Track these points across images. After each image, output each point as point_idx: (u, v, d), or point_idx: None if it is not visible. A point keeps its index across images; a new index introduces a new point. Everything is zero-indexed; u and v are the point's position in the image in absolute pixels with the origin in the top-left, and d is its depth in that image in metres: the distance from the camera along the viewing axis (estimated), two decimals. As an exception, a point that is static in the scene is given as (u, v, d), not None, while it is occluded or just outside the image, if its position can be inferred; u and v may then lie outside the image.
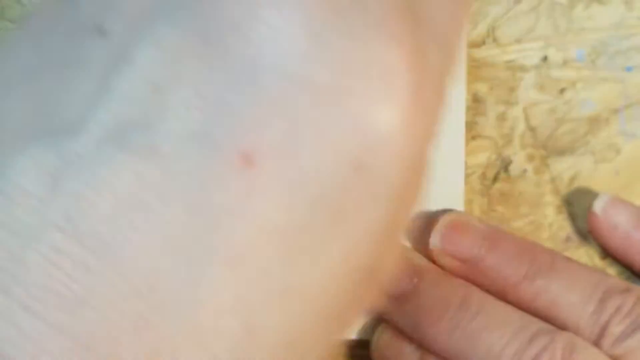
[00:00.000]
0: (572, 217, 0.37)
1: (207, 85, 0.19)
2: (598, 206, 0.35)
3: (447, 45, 0.22)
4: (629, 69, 0.37)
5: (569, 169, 0.37)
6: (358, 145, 0.20)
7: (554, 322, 0.34)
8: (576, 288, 0.34)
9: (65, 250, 0.18)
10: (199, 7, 0.19)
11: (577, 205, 0.37)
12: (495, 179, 0.37)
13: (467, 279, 0.35)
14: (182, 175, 0.19)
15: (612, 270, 0.36)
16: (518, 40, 0.37)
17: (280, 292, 0.20)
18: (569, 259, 0.35)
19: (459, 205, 0.36)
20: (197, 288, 0.19)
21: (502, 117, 0.37)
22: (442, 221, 0.35)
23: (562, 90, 0.37)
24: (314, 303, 0.21)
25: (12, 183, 0.19)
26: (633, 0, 0.37)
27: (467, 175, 0.37)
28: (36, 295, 0.18)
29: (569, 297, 0.34)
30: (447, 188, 0.36)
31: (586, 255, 0.37)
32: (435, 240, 0.35)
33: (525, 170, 0.37)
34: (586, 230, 0.37)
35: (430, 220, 0.36)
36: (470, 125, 0.37)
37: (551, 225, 0.37)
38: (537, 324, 0.33)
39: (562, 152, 0.37)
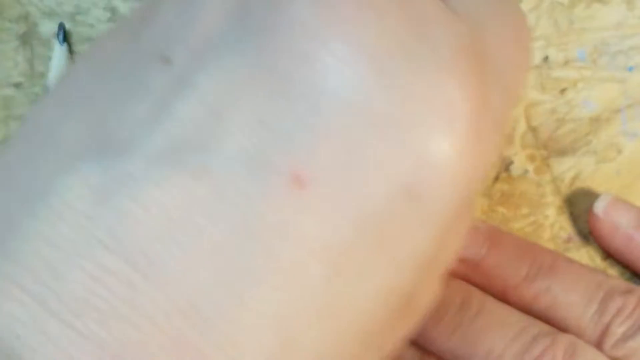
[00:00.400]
0: (573, 218, 0.37)
1: (266, 111, 0.19)
2: (599, 207, 0.35)
3: (508, 88, 0.22)
4: (630, 69, 0.37)
5: (570, 169, 0.37)
6: (413, 173, 0.20)
7: (555, 323, 0.34)
8: (577, 289, 0.34)
9: (108, 266, 0.19)
10: (266, 37, 0.20)
11: (578, 206, 0.37)
12: (496, 179, 0.37)
13: (467, 279, 0.35)
14: (233, 195, 0.19)
15: (613, 271, 0.36)
16: (519, 40, 0.37)
17: (321, 312, 0.20)
18: (570, 260, 0.35)
19: (459, 205, 0.36)
20: (239, 307, 0.19)
21: (502, 117, 0.37)
22: None
23: (563, 90, 0.37)
24: (352, 325, 0.21)
25: (60, 199, 0.19)
26: (634, 0, 0.37)
27: (467, 176, 0.37)
28: (73, 308, 0.18)
29: (570, 298, 0.34)
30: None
31: (587, 255, 0.37)
32: None
33: (526, 171, 0.37)
34: (587, 230, 0.36)
35: None
36: (470, 126, 0.37)
37: (552, 226, 0.37)
38: (538, 326, 0.33)
39: (563, 152, 0.37)
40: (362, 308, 0.21)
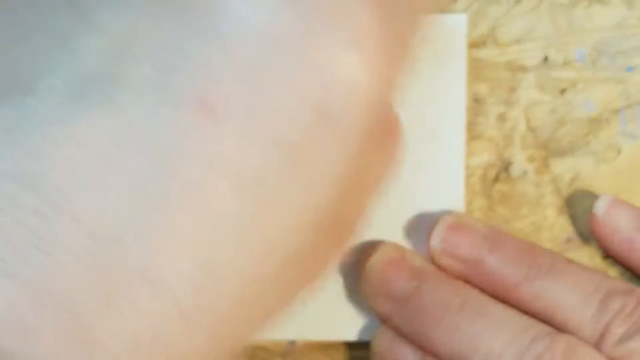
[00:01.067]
0: (573, 218, 0.37)
1: (170, 39, 0.20)
2: (599, 208, 0.35)
3: (414, 9, 0.23)
4: (629, 69, 0.37)
5: (570, 170, 0.37)
6: (323, 93, 0.20)
7: (555, 324, 0.34)
8: (577, 289, 0.34)
9: (17, 198, 0.19)
10: None
11: (578, 206, 0.37)
12: (495, 179, 0.37)
13: (467, 280, 0.35)
14: (143, 125, 0.19)
15: (613, 271, 0.36)
16: (518, 41, 0.37)
17: (239, 235, 0.20)
18: (569, 261, 0.35)
19: (459, 206, 0.36)
20: (154, 232, 0.19)
21: (502, 118, 0.37)
22: (442, 222, 0.35)
23: (562, 91, 0.37)
24: (274, 246, 0.21)
25: None
26: (634, 0, 0.37)
27: (467, 176, 0.37)
28: None
29: (569, 298, 0.34)
30: (447, 189, 0.36)
31: (587, 256, 0.37)
32: (435, 241, 0.35)
33: (525, 171, 0.37)
34: (587, 231, 0.36)
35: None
36: (470, 126, 0.37)
37: (552, 226, 0.37)
38: (537, 326, 0.33)
39: (562, 152, 0.37)
40: (282, 229, 0.21)
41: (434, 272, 0.35)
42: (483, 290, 0.34)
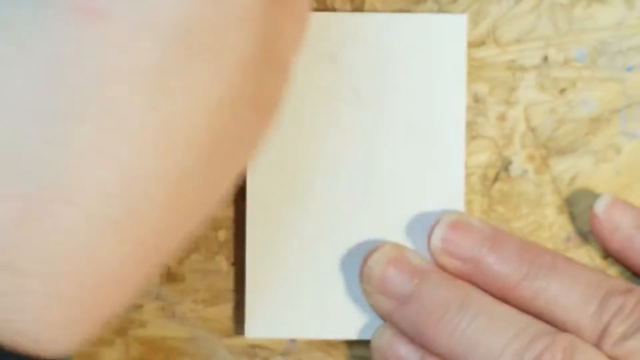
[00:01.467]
0: (573, 217, 0.37)
1: None
2: (599, 207, 0.35)
3: None
4: (629, 69, 0.37)
5: (570, 169, 0.37)
6: None
7: (555, 322, 0.34)
8: (577, 288, 0.34)
9: None
10: None
11: (578, 206, 0.37)
12: (495, 179, 0.37)
13: (467, 278, 0.35)
14: (30, 40, 0.19)
15: (613, 270, 0.36)
16: (518, 40, 0.37)
17: (156, 137, 0.20)
18: (570, 260, 0.35)
19: (459, 205, 0.36)
20: (58, 148, 0.19)
21: (502, 117, 0.37)
22: (443, 221, 0.35)
23: (562, 91, 0.37)
24: (192, 141, 0.21)
25: None
26: (634, 0, 0.37)
27: (467, 176, 0.37)
28: None
29: (569, 297, 0.34)
30: (447, 188, 0.36)
31: (587, 255, 0.37)
32: (435, 240, 0.35)
33: (525, 171, 0.37)
34: (587, 230, 0.37)
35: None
36: (470, 126, 0.37)
37: (552, 226, 0.37)
38: (537, 325, 0.33)
39: (562, 152, 0.37)
40: (195, 121, 0.21)
41: (434, 270, 0.35)
42: (483, 288, 0.34)
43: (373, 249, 0.35)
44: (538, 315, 0.34)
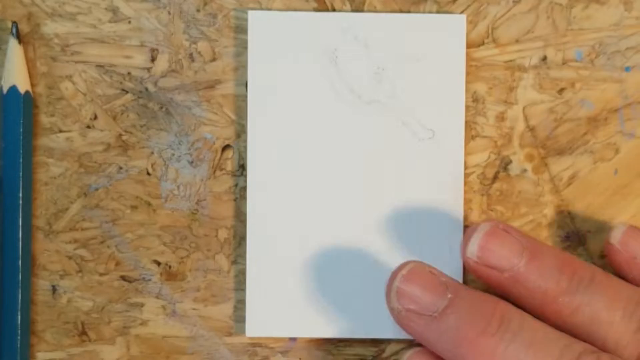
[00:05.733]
0: (571, 217, 0.37)
1: None
2: (615, 237, 0.34)
3: None
4: (627, 69, 0.37)
5: (568, 169, 0.37)
6: None
7: (594, 339, 0.32)
8: (618, 304, 0.33)
9: None
10: None
11: (576, 205, 0.37)
12: (494, 178, 0.37)
13: (505, 290, 0.33)
14: None
15: (610, 270, 0.36)
16: (517, 41, 0.37)
17: None
18: (608, 274, 0.34)
19: (458, 205, 0.36)
20: None
21: (501, 117, 0.37)
22: (480, 229, 0.34)
23: (561, 90, 0.37)
24: None
25: None
26: (632, 0, 0.37)
27: (466, 175, 0.37)
28: None
29: (610, 313, 0.32)
30: (446, 187, 0.36)
31: (585, 254, 0.37)
32: (472, 249, 0.33)
33: (524, 170, 0.37)
34: (585, 229, 0.37)
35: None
36: (469, 125, 0.37)
37: (550, 225, 0.37)
38: (580, 344, 0.32)
39: (561, 151, 0.37)
40: None
41: (464, 286, 0.33)
42: (521, 300, 0.33)
43: (397, 268, 0.34)
44: (576, 330, 0.32)
